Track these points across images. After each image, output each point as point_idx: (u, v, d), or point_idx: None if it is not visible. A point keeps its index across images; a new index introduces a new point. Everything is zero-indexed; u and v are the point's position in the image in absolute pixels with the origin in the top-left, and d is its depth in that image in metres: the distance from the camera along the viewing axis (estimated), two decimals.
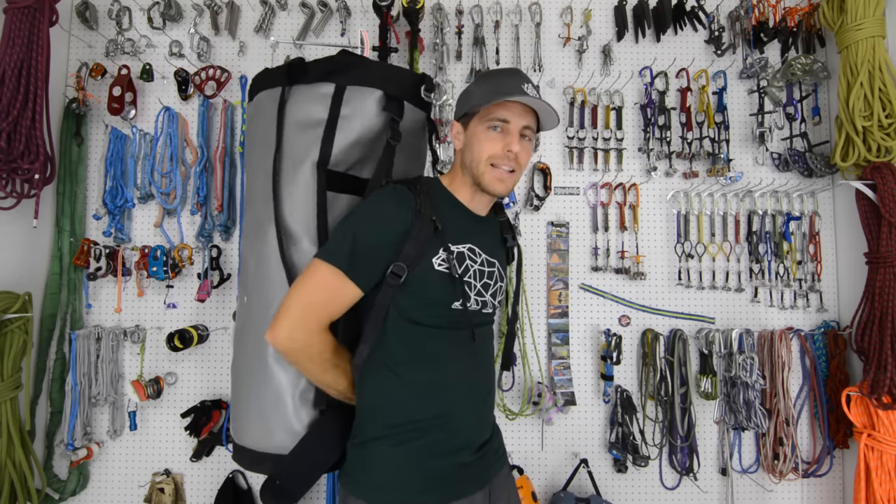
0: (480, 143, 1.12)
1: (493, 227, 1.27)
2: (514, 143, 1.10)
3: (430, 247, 1.07)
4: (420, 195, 1.09)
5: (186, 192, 1.97)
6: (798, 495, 1.97)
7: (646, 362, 1.97)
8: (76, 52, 2.03)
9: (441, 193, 1.18)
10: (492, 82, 1.13)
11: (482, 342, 1.21)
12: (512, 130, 1.12)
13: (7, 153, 1.64)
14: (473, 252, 1.15)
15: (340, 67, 1.25)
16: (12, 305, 1.67)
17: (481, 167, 1.12)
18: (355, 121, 1.23)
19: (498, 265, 1.22)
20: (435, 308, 1.10)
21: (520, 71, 1.19)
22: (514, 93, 1.08)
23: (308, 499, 1.93)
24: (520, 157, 1.13)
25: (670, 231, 2.03)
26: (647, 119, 2.02)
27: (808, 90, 2.03)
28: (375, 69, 1.29)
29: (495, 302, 1.22)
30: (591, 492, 1.90)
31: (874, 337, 1.71)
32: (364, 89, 1.24)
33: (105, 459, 1.94)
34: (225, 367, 1.97)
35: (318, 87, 1.24)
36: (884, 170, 1.71)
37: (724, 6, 2.06)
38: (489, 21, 2.04)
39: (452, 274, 1.08)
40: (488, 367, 1.25)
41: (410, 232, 1.05)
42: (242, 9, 2.06)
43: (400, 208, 1.07)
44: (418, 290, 1.08)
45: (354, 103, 1.23)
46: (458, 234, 1.13)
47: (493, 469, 1.19)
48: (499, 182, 1.13)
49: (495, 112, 1.11)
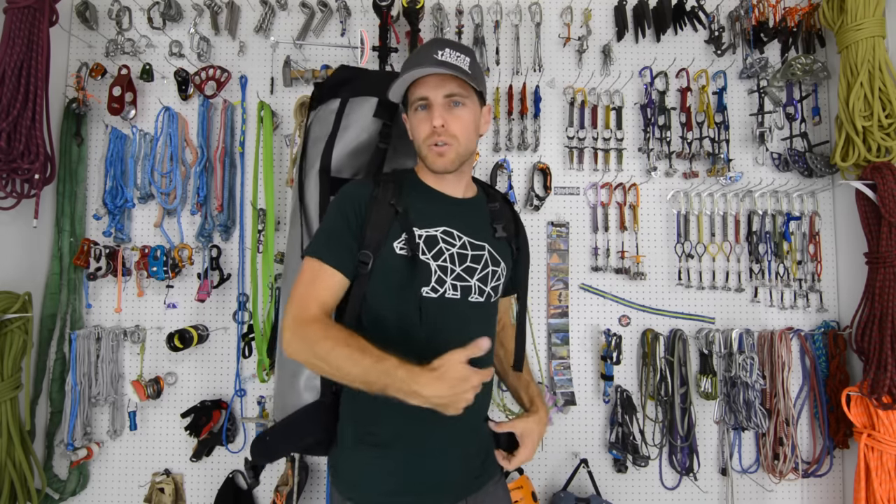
0: (414, 129, 1.14)
1: (478, 210, 1.23)
2: (435, 118, 1.09)
3: (392, 231, 1.09)
4: (381, 184, 1.12)
5: (186, 192, 1.97)
6: (798, 495, 1.98)
7: (646, 362, 1.97)
8: (76, 52, 2.03)
9: (412, 181, 1.19)
10: (406, 66, 1.13)
11: (461, 340, 1.04)
12: (433, 104, 1.09)
13: (7, 153, 1.64)
14: (450, 235, 1.12)
15: (344, 81, 1.37)
16: (12, 305, 1.67)
17: (423, 150, 1.13)
18: (351, 130, 1.32)
19: (489, 248, 1.17)
20: (402, 297, 1.08)
21: (435, 40, 1.15)
22: (420, 66, 1.07)
23: (308, 499, 1.93)
24: (451, 128, 1.09)
25: (670, 231, 2.03)
26: (647, 119, 2.02)
27: (808, 90, 2.03)
28: (372, 78, 1.37)
29: (486, 288, 1.15)
30: (591, 492, 1.90)
31: (874, 337, 1.71)
32: (362, 99, 1.33)
33: (105, 459, 1.94)
34: (225, 367, 1.97)
35: (329, 105, 1.37)
36: (884, 170, 1.71)
37: (724, 6, 2.06)
38: (489, 21, 2.04)
39: (413, 255, 1.07)
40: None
41: (369, 217, 1.08)
42: (242, 9, 2.06)
43: (354, 196, 1.11)
44: (383, 276, 1.08)
45: (353, 114, 1.33)
46: (428, 218, 1.12)
47: (477, 482, 1.16)
48: (438, 157, 1.11)
49: (415, 93, 1.11)
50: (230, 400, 1.94)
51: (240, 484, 1.93)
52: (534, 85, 2.04)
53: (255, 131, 1.95)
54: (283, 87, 2.01)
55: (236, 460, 1.95)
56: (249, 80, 2.03)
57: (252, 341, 1.93)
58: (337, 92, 1.37)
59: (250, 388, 1.96)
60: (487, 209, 1.24)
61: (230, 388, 1.96)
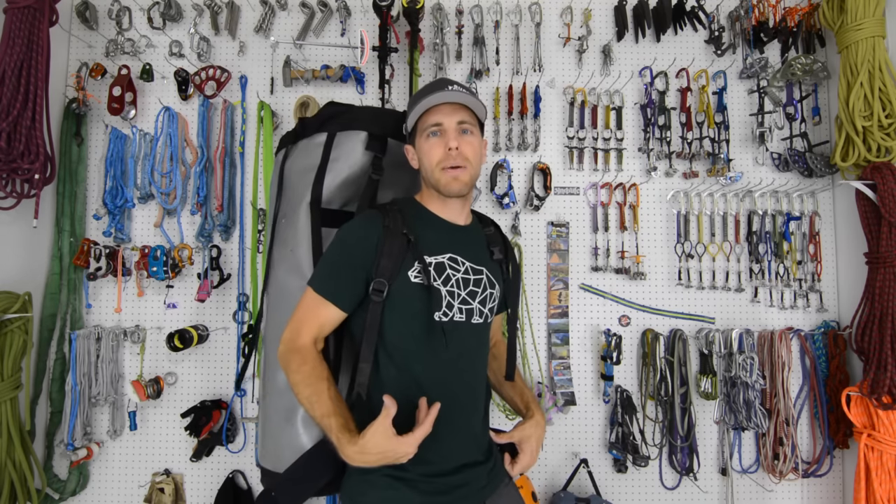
0: (426, 154, 1.19)
1: (476, 236, 1.30)
2: (451, 140, 1.16)
3: (406, 260, 1.13)
4: (390, 213, 1.16)
5: (186, 192, 1.97)
6: (798, 495, 1.97)
7: (646, 362, 1.97)
8: (76, 52, 2.03)
9: (415, 209, 1.23)
10: (418, 97, 1.21)
11: (468, 360, 1.20)
12: (447, 130, 1.17)
13: (7, 153, 1.64)
14: (455, 261, 1.18)
15: (331, 117, 1.39)
16: (12, 305, 1.67)
17: (435, 174, 1.18)
18: (342, 162, 1.33)
19: (487, 272, 1.23)
20: (417, 322, 1.13)
21: (444, 78, 1.27)
22: (435, 93, 1.16)
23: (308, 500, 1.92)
24: (464, 151, 1.17)
25: (670, 231, 2.03)
26: (647, 119, 2.02)
27: (808, 90, 2.03)
28: (362, 114, 1.40)
29: (485, 310, 1.22)
30: (591, 492, 1.90)
31: (874, 337, 1.71)
32: (351, 133, 1.35)
33: (105, 459, 1.94)
34: (225, 367, 1.97)
35: (315, 139, 1.38)
36: (884, 170, 1.71)
37: (724, 6, 2.06)
38: (489, 21, 2.04)
39: (429, 284, 1.12)
40: (476, 388, 1.23)
41: (382, 248, 1.11)
42: (242, 9, 2.06)
43: (367, 228, 1.14)
44: (399, 304, 1.12)
45: (342, 147, 1.35)
46: (436, 245, 1.17)
47: (491, 486, 1.20)
48: (453, 181, 1.17)
49: (427, 121, 1.18)
50: (230, 400, 1.94)
51: (240, 484, 1.93)
52: (534, 85, 2.04)
53: (255, 131, 1.95)
54: (283, 87, 2.01)
55: (236, 460, 1.95)
56: (249, 80, 2.03)
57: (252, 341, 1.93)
58: (322, 126, 1.39)
59: (250, 388, 1.96)
60: (483, 234, 1.31)
61: (230, 388, 1.96)
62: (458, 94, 1.16)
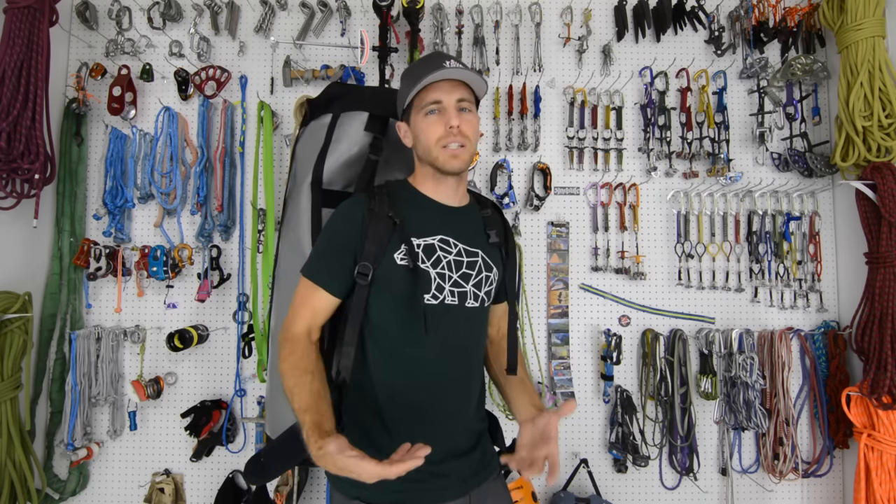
0: (424, 131, 1.16)
1: (472, 218, 1.26)
2: (452, 118, 1.13)
3: (391, 243, 1.11)
4: (377, 196, 1.15)
5: (186, 192, 1.97)
6: (798, 495, 1.98)
7: (646, 362, 1.97)
8: (76, 52, 2.03)
9: (406, 191, 1.22)
10: (414, 73, 1.17)
11: (460, 345, 1.18)
12: (447, 107, 1.14)
13: (7, 153, 1.64)
14: (446, 243, 1.16)
15: (333, 98, 1.41)
16: (12, 305, 1.67)
17: (434, 152, 1.15)
18: (343, 143, 1.35)
19: (483, 254, 1.21)
20: (404, 304, 1.12)
21: (439, 52, 1.26)
22: (434, 71, 1.12)
23: (308, 499, 1.93)
24: (464, 129, 1.15)
25: (670, 231, 2.03)
26: (647, 119, 2.02)
27: (808, 90, 2.03)
28: (363, 94, 1.41)
29: (480, 293, 1.19)
30: (591, 492, 1.90)
31: (874, 337, 1.71)
32: (353, 114, 1.37)
33: (105, 459, 1.94)
34: (225, 368, 1.97)
35: (321, 120, 1.41)
36: (884, 170, 1.71)
37: (724, 6, 2.06)
38: (489, 21, 2.04)
39: (414, 266, 1.10)
40: (468, 373, 1.21)
41: (367, 231, 1.11)
42: (242, 9, 2.06)
43: (351, 212, 1.14)
44: (385, 286, 1.11)
45: (344, 127, 1.36)
46: (425, 227, 1.16)
47: (477, 478, 1.18)
48: (452, 159, 1.15)
49: (426, 98, 1.15)
50: (230, 400, 1.94)
51: (240, 484, 1.93)
52: (534, 85, 2.04)
53: (255, 131, 1.95)
54: (283, 87, 2.01)
55: (236, 460, 1.95)
56: (249, 80, 2.04)
57: (252, 341, 1.93)
58: (328, 108, 1.41)
59: (250, 388, 1.96)
60: (480, 216, 1.28)
61: (230, 388, 1.96)
62: (459, 70, 1.13)
